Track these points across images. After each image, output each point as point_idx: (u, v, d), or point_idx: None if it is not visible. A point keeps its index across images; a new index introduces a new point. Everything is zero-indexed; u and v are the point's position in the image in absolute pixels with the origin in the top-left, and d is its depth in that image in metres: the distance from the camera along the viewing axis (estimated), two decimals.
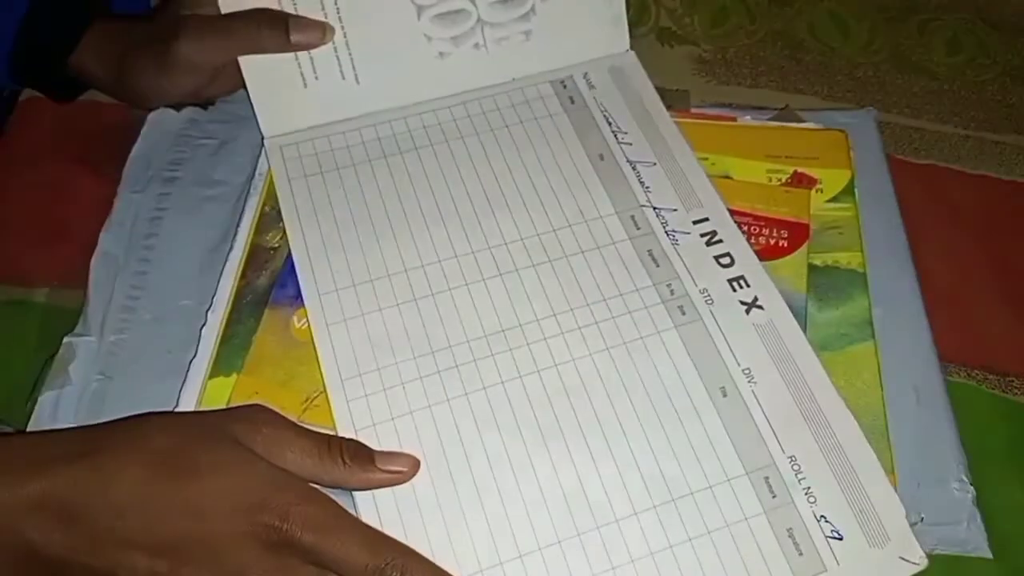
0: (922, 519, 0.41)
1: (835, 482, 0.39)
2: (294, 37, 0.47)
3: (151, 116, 0.52)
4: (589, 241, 0.46)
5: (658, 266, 0.45)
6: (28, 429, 0.42)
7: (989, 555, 0.41)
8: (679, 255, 0.45)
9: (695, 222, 0.46)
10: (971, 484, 0.42)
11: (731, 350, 0.42)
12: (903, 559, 0.38)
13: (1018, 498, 0.43)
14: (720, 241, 0.46)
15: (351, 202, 0.47)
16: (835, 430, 0.40)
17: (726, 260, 0.45)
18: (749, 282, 0.44)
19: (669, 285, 0.44)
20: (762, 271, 0.45)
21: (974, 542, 0.41)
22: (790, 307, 0.44)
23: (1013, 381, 0.47)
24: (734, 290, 0.44)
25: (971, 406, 0.46)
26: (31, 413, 0.42)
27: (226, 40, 0.47)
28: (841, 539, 0.38)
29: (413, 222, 0.46)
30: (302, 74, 0.49)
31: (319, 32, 0.48)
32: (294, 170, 0.48)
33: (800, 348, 0.42)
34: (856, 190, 0.50)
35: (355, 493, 0.38)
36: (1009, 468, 0.44)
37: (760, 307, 0.44)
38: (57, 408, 0.42)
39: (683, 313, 0.43)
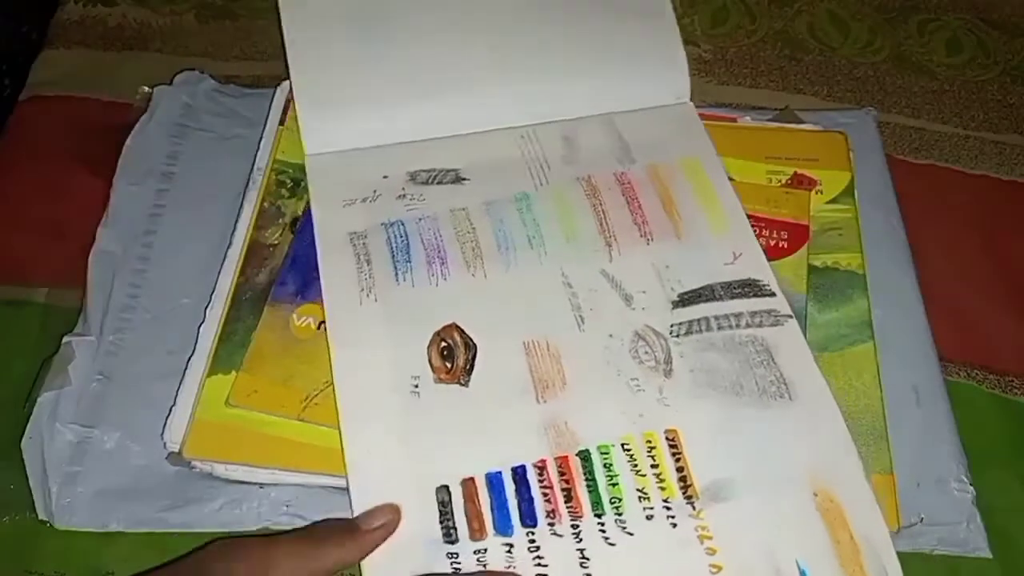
0: (922, 519, 0.41)
1: None
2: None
3: (153, 101, 0.53)
4: None
5: None
6: (27, 430, 0.42)
7: (989, 555, 0.41)
8: None
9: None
10: (971, 484, 0.42)
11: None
12: None
13: (1018, 498, 0.43)
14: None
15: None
16: None
17: None
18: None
19: None
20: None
21: (974, 542, 0.41)
22: (790, 307, 0.44)
23: (1013, 381, 0.47)
24: None
25: (971, 406, 0.45)
26: (30, 414, 0.42)
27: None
28: None
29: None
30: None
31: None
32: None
33: None
34: (856, 192, 0.50)
35: (352, 500, 0.38)
36: (1009, 468, 0.44)
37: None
38: (57, 409, 0.42)
39: None
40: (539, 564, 0.37)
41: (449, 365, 0.42)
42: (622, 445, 0.40)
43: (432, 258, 0.45)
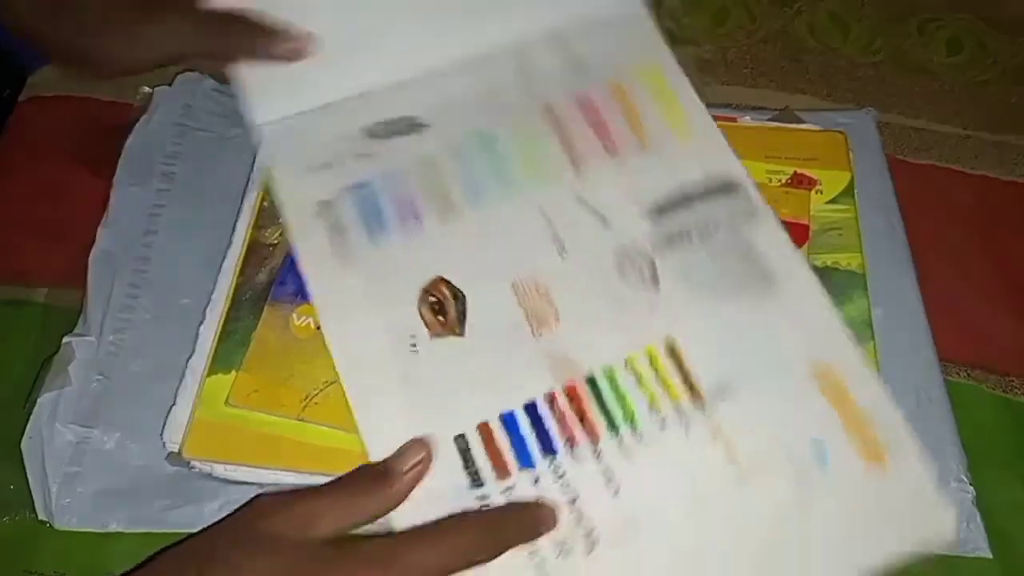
0: None
1: None
2: (278, 49, 0.45)
3: (153, 101, 0.52)
4: None
5: None
6: (27, 430, 0.42)
7: (989, 555, 0.41)
8: None
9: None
10: (971, 484, 0.42)
11: None
12: None
13: (1018, 498, 0.43)
14: None
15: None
16: None
17: None
18: None
19: None
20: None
21: (974, 542, 0.41)
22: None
23: (1013, 381, 0.47)
24: None
25: (971, 406, 0.45)
26: (30, 414, 0.42)
27: (223, 39, 0.45)
28: None
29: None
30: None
31: (304, 44, 0.45)
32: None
33: None
34: (856, 191, 0.50)
35: None
36: (1009, 468, 0.44)
37: None
38: (56, 410, 0.42)
39: None
40: (567, 490, 0.37)
41: (442, 319, 0.42)
42: (625, 363, 0.40)
43: (405, 215, 0.44)
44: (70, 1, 0.44)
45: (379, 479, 0.36)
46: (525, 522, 0.36)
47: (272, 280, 0.45)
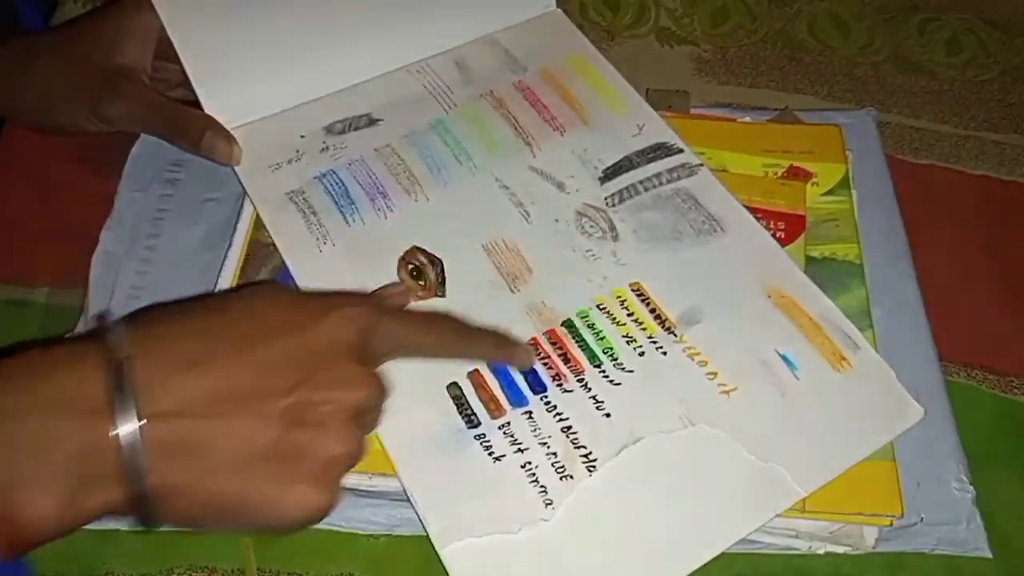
0: (922, 519, 0.41)
1: None
2: (220, 149, 0.48)
3: None
4: None
5: None
6: None
7: (989, 555, 0.41)
8: None
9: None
10: (971, 484, 0.42)
11: None
12: None
13: (1018, 498, 0.43)
14: None
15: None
16: None
17: None
18: None
19: None
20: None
21: (974, 542, 0.41)
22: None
23: (1013, 381, 0.47)
24: None
25: (971, 406, 0.46)
26: None
27: (174, 126, 0.48)
28: None
29: None
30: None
31: (227, 149, 0.48)
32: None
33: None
34: (852, 183, 0.50)
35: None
36: (1009, 468, 0.44)
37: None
38: None
39: None
40: (561, 419, 0.40)
41: (423, 283, 0.44)
42: (598, 306, 0.44)
43: (374, 195, 0.48)
44: (32, 77, 0.48)
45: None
46: (497, 342, 0.40)
47: (273, 279, 0.45)
